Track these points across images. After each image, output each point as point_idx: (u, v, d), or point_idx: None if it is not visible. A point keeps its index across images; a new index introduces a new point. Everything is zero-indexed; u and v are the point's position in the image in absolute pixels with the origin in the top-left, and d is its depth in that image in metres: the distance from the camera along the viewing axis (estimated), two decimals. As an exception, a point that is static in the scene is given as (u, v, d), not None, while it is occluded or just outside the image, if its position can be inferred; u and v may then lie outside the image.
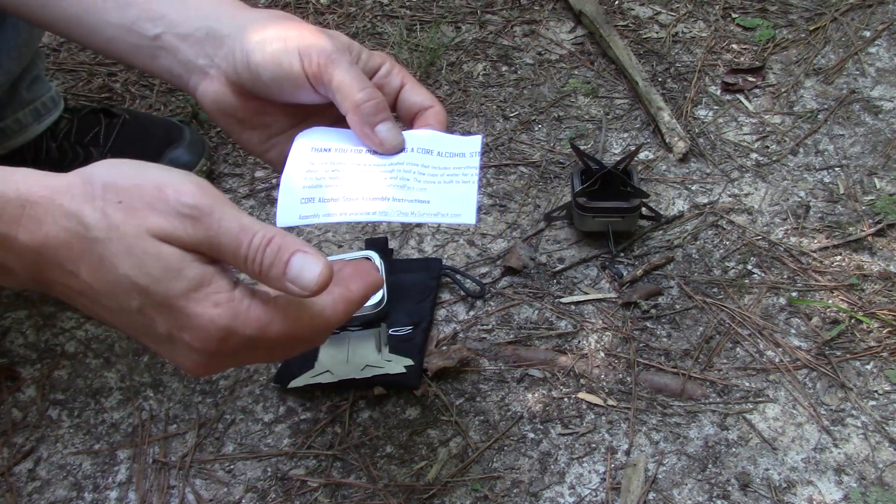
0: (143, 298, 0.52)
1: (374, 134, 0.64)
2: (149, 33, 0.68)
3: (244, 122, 0.69)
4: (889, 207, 1.16)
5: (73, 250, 0.52)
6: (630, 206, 1.09)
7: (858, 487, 0.89)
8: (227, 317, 0.52)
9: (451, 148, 0.68)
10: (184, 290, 0.52)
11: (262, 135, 0.70)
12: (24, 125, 1.12)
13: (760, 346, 1.02)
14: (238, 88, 0.67)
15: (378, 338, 0.99)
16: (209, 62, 0.67)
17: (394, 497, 0.89)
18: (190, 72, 0.68)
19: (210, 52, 0.66)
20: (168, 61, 0.68)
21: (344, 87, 0.63)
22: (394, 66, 0.69)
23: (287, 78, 0.64)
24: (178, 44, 0.67)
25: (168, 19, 0.67)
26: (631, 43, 1.41)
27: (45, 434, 0.96)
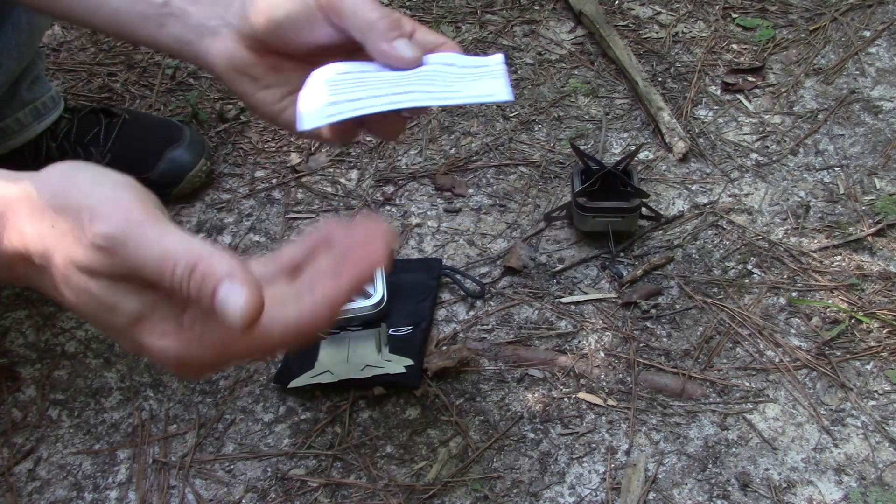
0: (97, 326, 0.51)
1: (391, 48, 0.62)
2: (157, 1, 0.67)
3: (258, 79, 0.68)
4: (889, 207, 1.16)
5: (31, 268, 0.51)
6: (630, 206, 1.09)
7: (858, 487, 0.89)
8: (176, 347, 0.49)
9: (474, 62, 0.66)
10: (125, 325, 0.49)
11: (276, 93, 0.68)
12: (25, 125, 1.12)
13: (760, 346, 1.02)
14: (252, 43, 0.66)
15: (378, 338, 0.99)
16: (221, 22, 0.66)
17: (394, 497, 0.89)
18: (201, 35, 0.67)
19: (221, 13, 0.65)
20: (177, 28, 0.67)
21: (357, 8, 0.61)
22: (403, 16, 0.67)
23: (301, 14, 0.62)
24: (187, 6, 0.66)
25: None
26: (631, 43, 1.41)
27: (45, 434, 0.96)
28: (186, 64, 1.40)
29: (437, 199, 1.20)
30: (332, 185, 1.22)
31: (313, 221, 1.17)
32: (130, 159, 1.15)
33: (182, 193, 1.18)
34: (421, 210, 1.18)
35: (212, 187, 1.21)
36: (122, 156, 1.15)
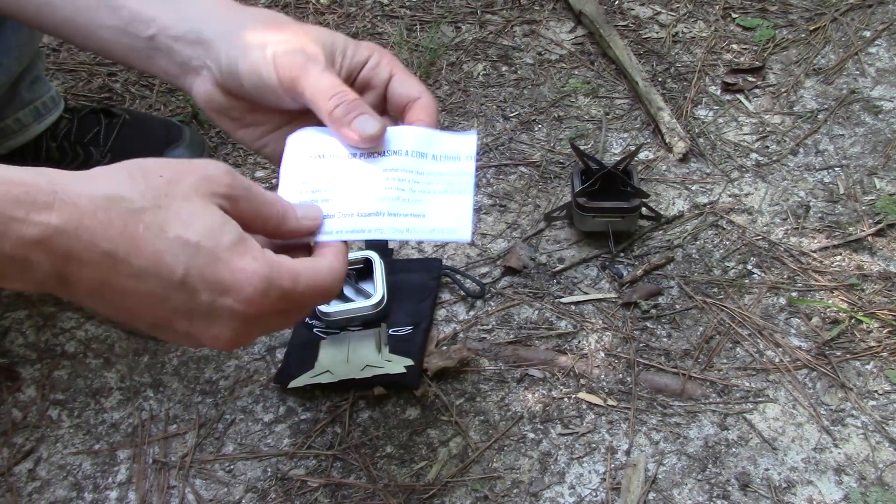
0: (191, 260, 0.53)
1: (350, 131, 0.64)
2: (143, 35, 0.68)
3: (237, 120, 0.71)
4: (889, 207, 1.16)
5: (113, 226, 0.52)
6: (630, 206, 1.09)
7: (858, 487, 0.89)
8: (266, 268, 0.55)
9: (445, 150, 0.67)
10: (230, 244, 0.54)
11: (255, 132, 0.72)
12: (25, 125, 1.12)
13: (760, 346, 1.02)
14: (227, 90, 0.68)
15: (378, 338, 0.99)
16: (201, 63, 0.68)
17: (394, 497, 0.89)
18: (185, 71, 0.69)
19: (201, 54, 0.67)
20: (163, 62, 0.69)
21: (315, 97, 0.64)
22: (382, 57, 0.69)
23: (266, 88, 0.65)
24: (172, 44, 0.68)
25: (160, 21, 0.68)
26: (631, 43, 1.41)
27: (45, 434, 0.96)
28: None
29: (437, 199, 1.19)
30: (332, 185, 1.22)
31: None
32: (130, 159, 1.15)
33: (182, 193, 1.18)
34: (421, 210, 1.18)
35: (212, 187, 1.21)
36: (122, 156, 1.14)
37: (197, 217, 0.54)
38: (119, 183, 0.54)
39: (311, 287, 0.58)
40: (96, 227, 0.51)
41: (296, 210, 0.62)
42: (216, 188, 0.56)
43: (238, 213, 0.57)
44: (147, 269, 0.53)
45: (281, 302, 0.57)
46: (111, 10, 0.69)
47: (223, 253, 0.54)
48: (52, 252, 0.51)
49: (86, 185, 0.52)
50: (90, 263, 0.52)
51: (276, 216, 0.60)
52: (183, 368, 1.02)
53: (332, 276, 0.60)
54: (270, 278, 0.55)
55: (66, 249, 0.51)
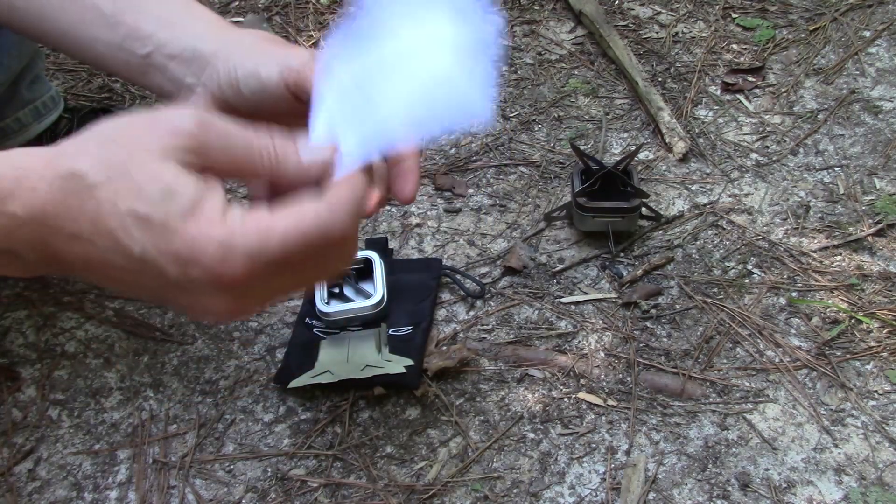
0: (144, 235, 0.50)
1: None
2: (138, 52, 0.69)
3: None
4: (889, 207, 1.16)
5: (72, 208, 0.50)
6: (630, 206, 1.09)
7: (858, 487, 0.89)
8: (223, 232, 0.50)
9: None
10: (181, 211, 0.50)
11: None
12: (24, 124, 1.12)
13: (760, 346, 1.02)
14: (222, 105, 0.68)
15: (378, 338, 0.99)
16: (196, 81, 0.68)
17: (394, 497, 0.89)
18: (178, 89, 0.70)
19: (196, 72, 0.68)
20: (158, 78, 0.70)
21: None
22: None
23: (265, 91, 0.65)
24: (167, 62, 0.69)
25: (156, 39, 0.69)
26: (631, 43, 1.41)
27: (45, 434, 0.96)
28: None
29: (437, 200, 1.20)
30: (332, 185, 1.22)
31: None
32: None
33: (182, 193, 1.18)
34: (421, 210, 1.18)
35: (212, 187, 1.21)
36: (122, 156, 1.15)
37: (148, 183, 0.50)
38: (75, 156, 0.51)
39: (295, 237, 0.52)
40: (56, 210, 0.50)
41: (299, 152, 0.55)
42: (177, 140, 0.51)
43: (212, 164, 0.52)
44: (111, 248, 0.51)
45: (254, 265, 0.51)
46: (109, 27, 0.70)
47: (175, 221, 0.50)
48: (27, 241, 0.51)
49: (48, 165, 0.51)
50: (64, 247, 0.51)
51: (268, 163, 0.54)
52: (183, 368, 1.02)
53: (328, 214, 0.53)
54: (228, 243, 0.50)
55: (38, 237, 0.51)
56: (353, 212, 0.54)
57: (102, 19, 0.70)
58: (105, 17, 0.70)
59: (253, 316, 1.01)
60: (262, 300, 0.56)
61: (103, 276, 0.53)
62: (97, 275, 0.53)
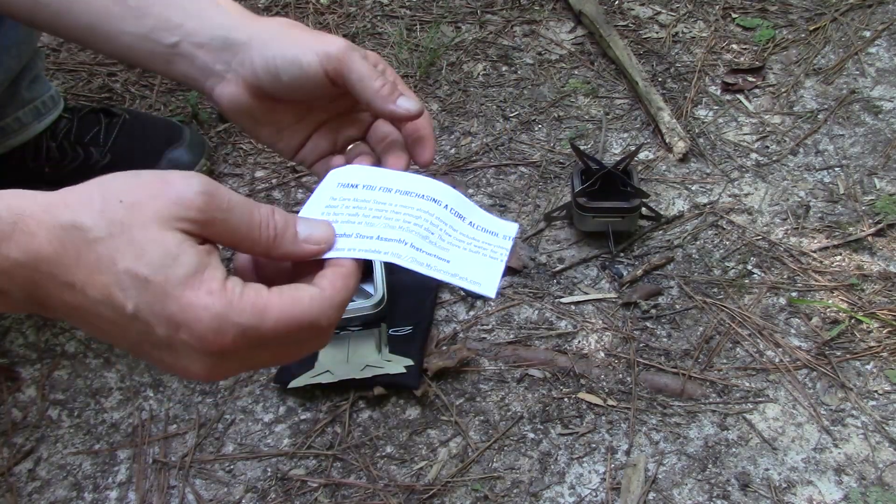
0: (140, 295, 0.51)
1: (396, 107, 0.68)
2: (165, 41, 0.71)
3: (258, 119, 0.73)
4: (889, 207, 1.16)
5: (68, 257, 0.51)
6: (630, 206, 1.09)
7: (858, 487, 0.89)
8: (221, 304, 0.51)
9: (485, 223, 0.66)
10: (182, 277, 0.51)
11: (272, 129, 0.75)
12: (24, 124, 1.12)
13: (760, 346, 1.02)
14: (254, 90, 0.71)
15: (378, 338, 0.99)
16: (226, 67, 0.70)
17: (394, 497, 0.89)
18: (207, 76, 0.71)
19: (227, 59, 0.70)
20: (184, 66, 0.71)
21: (363, 76, 0.67)
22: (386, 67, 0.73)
23: (307, 78, 0.68)
24: (195, 51, 0.70)
25: (184, 28, 0.70)
26: (631, 43, 1.41)
27: (45, 434, 0.96)
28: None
29: (437, 199, 1.19)
30: (332, 185, 1.22)
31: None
32: (130, 159, 1.15)
33: (182, 193, 1.18)
34: (421, 210, 1.18)
35: (212, 187, 1.21)
36: (121, 156, 1.15)
37: (150, 246, 0.51)
38: (78, 209, 0.52)
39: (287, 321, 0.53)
40: (53, 258, 0.51)
41: (298, 231, 0.57)
42: (182, 212, 0.52)
43: (213, 236, 0.54)
44: (102, 301, 0.51)
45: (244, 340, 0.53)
46: (135, 18, 0.71)
47: (174, 288, 0.51)
48: (17, 282, 0.51)
49: (46, 211, 0.51)
50: (55, 293, 0.52)
51: (266, 239, 0.56)
52: (183, 368, 1.02)
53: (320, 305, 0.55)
54: (224, 316, 0.51)
55: (30, 280, 0.51)
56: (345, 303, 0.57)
57: (128, 11, 0.71)
58: (131, 9, 0.71)
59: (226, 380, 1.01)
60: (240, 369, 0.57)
61: (89, 326, 0.54)
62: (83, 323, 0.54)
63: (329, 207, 0.64)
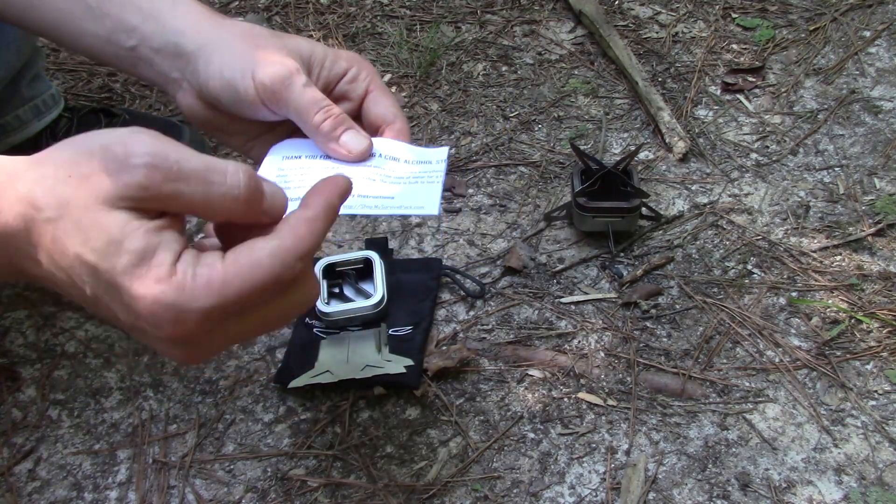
0: (94, 282, 0.48)
1: (339, 146, 0.66)
2: (125, 44, 0.69)
3: (219, 129, 0.71)
4: (889, 207, 1.16)
5: (30, 236, 0.49)
6: (630, 206, 1.09)
7: (858, 487, 0.90)
8: (172, 292, 0.47)
9: (418, 157, 0.69)
10: (127, 267, 0.47)
11: (239, 139, 0.72)
12: (25, 122, 1.12)
13: (760, 346, 1.02)
14: (207, 102, 0.69)
15: (378, 338, 0.99)
16: (181, 76, 0.68)
17: (394, 497, 0.89)
18: (166, 82, 0.70)
19: (181, 67, 0.68)
20: (146, 70, 0.70)
21: (300, 110, 0.65)
22: (360, 71, 0.70)
23: (244, 102, 0.65)
24: (153, 56, 0.68)
25: (140, 32, 0.68)
26: (631, 43, 1.41)
27: (45, 434, 0.96)
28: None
29: (437, 199, 1.19)
30: (332, 185, 1.22)
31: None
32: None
33: (182, 193, 1.18)
34: (421, 210, 1.18)
35: (212, 187, 1.21)
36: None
37: (94, 232, 0.47)
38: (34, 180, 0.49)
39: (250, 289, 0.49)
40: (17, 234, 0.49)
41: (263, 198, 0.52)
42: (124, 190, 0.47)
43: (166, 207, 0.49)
44: (66, 282, 0.49)
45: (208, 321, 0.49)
46: (95, 18, 0.69)
47: (121, 277, 0.47)
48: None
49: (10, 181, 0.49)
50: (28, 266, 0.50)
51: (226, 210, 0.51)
52: (183, 368, 1.02)
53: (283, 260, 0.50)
54: (178, 305, 0.48)
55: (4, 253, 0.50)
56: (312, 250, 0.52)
57: (88, 12, 0.69)
58: (90, 9, 0.69)
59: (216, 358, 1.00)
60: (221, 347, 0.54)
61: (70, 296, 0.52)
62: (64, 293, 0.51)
63: (279, 177, 0.65)
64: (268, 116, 0.67)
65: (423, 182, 0.66)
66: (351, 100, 0.71)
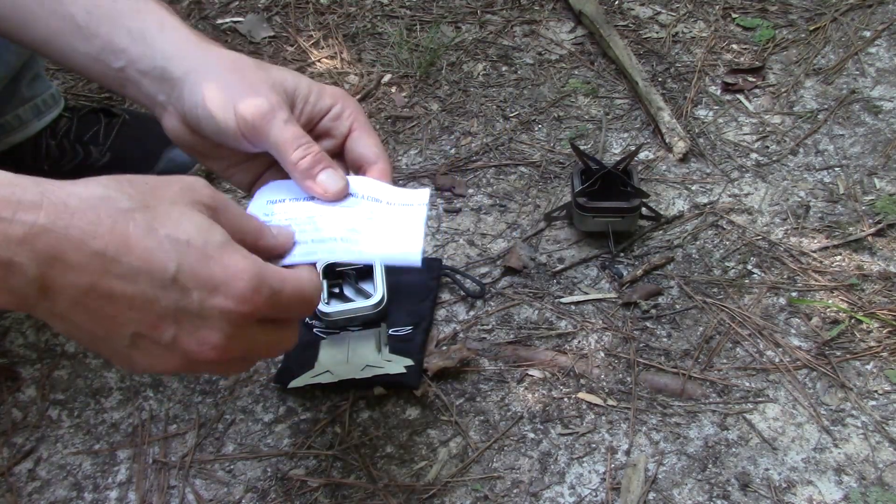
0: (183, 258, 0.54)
1: (315, 185, 0.67)
2: (113, 65, 0.69)
3: (202, 153, 0.72)
4: (889, 207, 1.16)
5: (103, 225, 0.52)
6: (630, 206, 1.09)
7: (858, 487, 0.90)
8: (257, 266, 0.56)
9: (400, 199, 0.70)
10: (220, 243, 0.55)
11: (221, 164, 0.74)
12: (25, 121, 1.12)
13: (760, 346, 1.02)
14: (191, 128, 0.69)
15: (378, 338, 0.99)
16: (167, 99, 0.69)
17: (394, 497, 0.89)
18: (153, 104, 0.70)
19: (167, 91, 0.68)
20: (134, 91, 0.71)
21: (279, 146, 0.66)
22: (345, 108, 0.71)
23: (224, 134, 0.67)
24: (140, 78, 0.69)
25: (128, 55, 0.69)
26: (631, 43, 1.41)
27: (45, 434, 0.96)
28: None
29: (437, 200, 1.20)
30: (332, 185, 1.22)
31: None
32: (129, 158, 1.15)
33: (182, 193, 1.18)
34: (421, 210, 1.18)
35: (212, 187, 1.21)
36: (121, 155, 1.15)
37: (184, 219, 0.55)
38: (106, 186, 0.54)
39: (297, 292, 0.60)
40: (85, 225, 0.51)
41: (270, 229, 0.64)
42: (199, 197, 0.57)
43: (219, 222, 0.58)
44: (139, 269, 0.53)
45: (270, 303, 0.57)
46: (84, 38, 0.69)
47: (213, 251, 0.55)
48: (37, 252, 0.50)
49: (73, 187, 0.53)
50: (78, 265, 0.51)
51: (254, 230, 0.62)
52: (183, 368, 1.02)
53: (313, 286, 0.62)
54: (261, 275, 0.56)
55: (52, 249, 0.50)
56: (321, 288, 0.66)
57: (78, 31, 0.69)
58: (80, 29, 0.69)
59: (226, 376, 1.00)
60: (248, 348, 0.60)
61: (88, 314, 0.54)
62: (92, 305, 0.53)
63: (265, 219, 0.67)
64: (248, 148, 0.68)
65: (404, 227, 0.68)
66: (334, 137, 0.72)
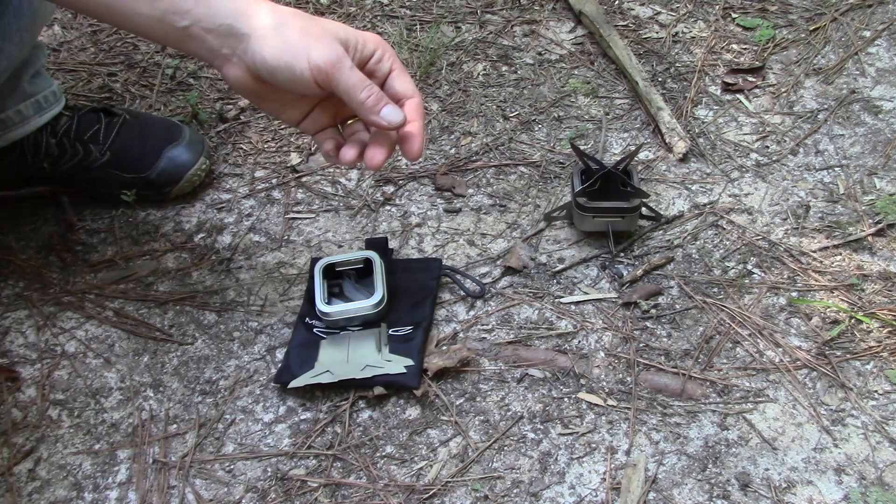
0: None
1: (380, 118, 0.79)
2: (177, 25, 0.77)
3: (260, 97, 0.83)
4: (889, 207, 1.16)
5: None
6: (630, 206, 1.09)
7: (858, 487, 0.90)
8: None
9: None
10: None
11: (276, 104, 0.85)
12: (25, 117, 1.12)
13: (760, 346, 1.02)
14: (256, 76, 0.79)
15: (378, 338, 0.99)
16: (231, 52, 0.78)
17: (394, 497, 0.89)
18: (215, 56, 0.79)
19: (232, 45, 0.77)
20: (195, 47, 0.79)
21: (349, 90, 0.78)
22: (384, 52, 0.83)
23: (299, 82, 0.77)
24: (204, 35, 0.77)
25: (193, 14, 0.77)
26: (631, 43, 1.41)
27: (45, 434, 0.96)
28: (186, 64, 1.40)
29: (437, 199, 1.20)
30: (332, 185, 1.22)
31: (313, 221, 1.17)
32: (129, 158, 1.15)
33: (182, 192, 1.18)
34: (421, 210, 1.18)
35: (212, 187, 1.21)
36: (121, 154, 1.15)
37: None
38: None
39: None
40: None
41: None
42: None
43: None
44: None
45: None
46: (149, 2, 0.77)
47: None
48: None
49: None
50: None
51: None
52: (183, 368, 1.02)
53: None
54: None
55: None
56: None
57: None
58: None
59: None
60: None
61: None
62: None
63: None
64: (316, 92, 0.79)
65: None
66: (377, 77, 0.82)
